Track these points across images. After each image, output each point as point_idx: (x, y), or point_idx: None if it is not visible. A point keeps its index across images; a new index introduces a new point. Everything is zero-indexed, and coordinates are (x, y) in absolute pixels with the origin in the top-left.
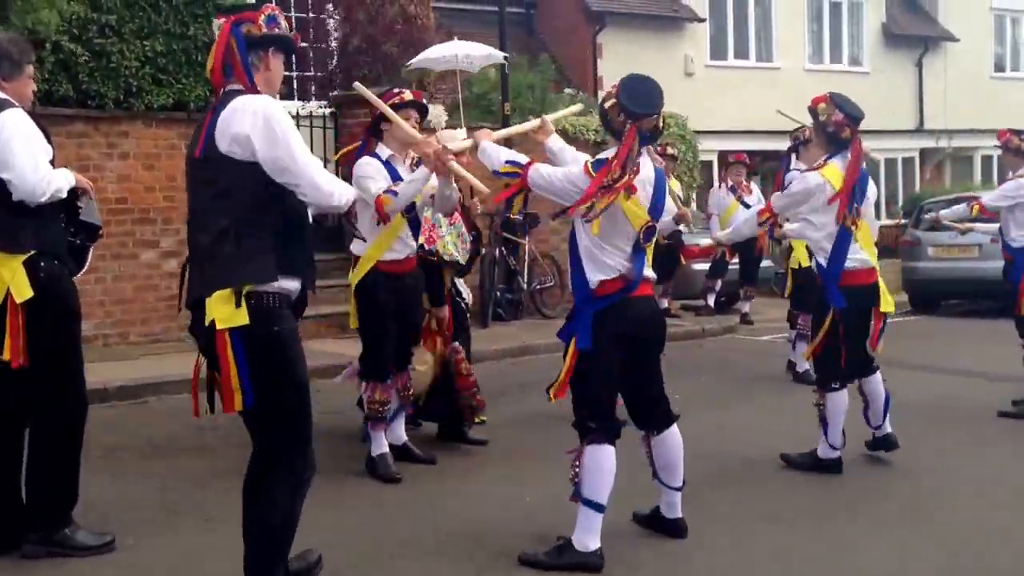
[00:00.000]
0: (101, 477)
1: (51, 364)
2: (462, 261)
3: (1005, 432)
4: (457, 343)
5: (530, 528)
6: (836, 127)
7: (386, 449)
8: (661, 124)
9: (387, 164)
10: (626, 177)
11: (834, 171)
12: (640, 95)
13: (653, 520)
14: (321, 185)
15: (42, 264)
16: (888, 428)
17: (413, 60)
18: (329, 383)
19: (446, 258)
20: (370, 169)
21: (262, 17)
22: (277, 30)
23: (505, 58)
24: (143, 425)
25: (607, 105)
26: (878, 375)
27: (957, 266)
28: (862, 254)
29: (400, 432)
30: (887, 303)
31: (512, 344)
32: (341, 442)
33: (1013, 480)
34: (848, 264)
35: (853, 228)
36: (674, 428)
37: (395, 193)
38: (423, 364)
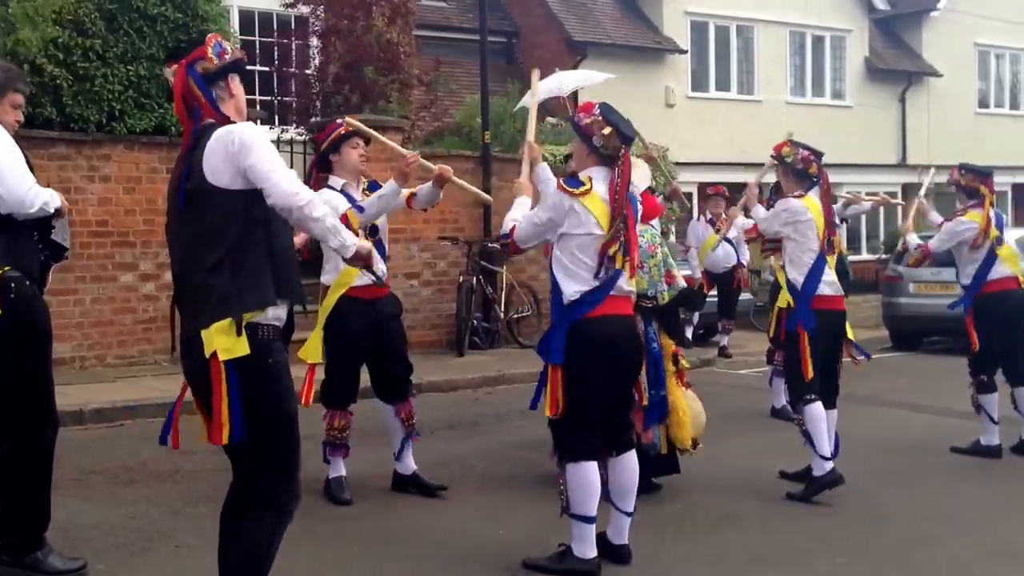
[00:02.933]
0: (74, 501)
1: (22, 385)
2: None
3: (984, 470)
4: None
5: (503, 561)
6: (804, 164)
7: (342, 473)
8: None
9: (343, 192)
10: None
11: (812, 202)
12: (623, 121)
13: (599, 543)
14: (283, 185)
15: (13, 285)
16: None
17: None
18: (303, 409)
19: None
20: (329, 195)
21: (209, 50)
22: (227, 56)
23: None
24: (118, 449)
25: (605, 132)
26: (834, 413)
27: (939, 303)
28: (833, 280)
29: (409, 462)
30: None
31: (488, 373)
32: (313, 470)
33: (995, 524)
34: (822, 290)
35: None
36: (632, 453)
37: (361, 208)
38: (696, 401)
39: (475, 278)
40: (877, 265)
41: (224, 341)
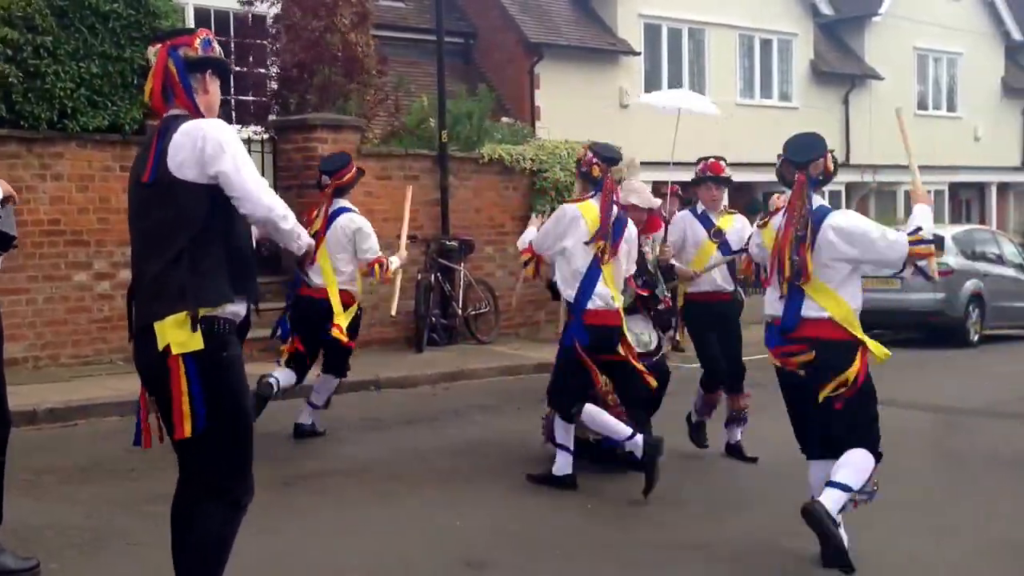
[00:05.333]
0: (27, 500)
1: None
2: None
3: (931, 460)
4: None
5: (461, 551)
6: (587, 167)
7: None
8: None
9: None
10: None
11: (590, 206)
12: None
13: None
14: (261, 199)
15: None
16: None
17: (641, 98)
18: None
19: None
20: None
21: (198, 40)
22: (213, 53)
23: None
24: (72, 448)
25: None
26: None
27: (880, 297)
28: (607, 292)
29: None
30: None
31: (446, 369)
32: (268, 466)
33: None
34: (592, 304)
35: (603, 266)
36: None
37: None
38: None
39: (433, 276)
40: None
41: (178, 335)
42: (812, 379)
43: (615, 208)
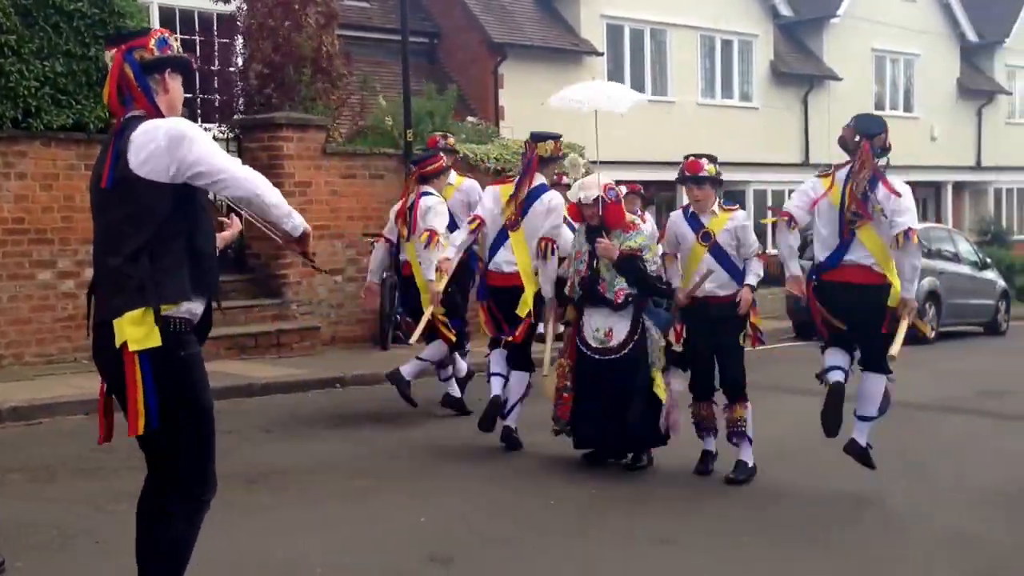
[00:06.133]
0: None
1: None
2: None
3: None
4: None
5: (425, 546)
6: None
7: None
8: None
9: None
10: None
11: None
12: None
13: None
14: (240, 177)
15: None
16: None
17: (555, 97)
18: (229, 403)
19: None
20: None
21: (152, 41)
22: (169, 52)
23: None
24: (37, 447)
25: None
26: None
27: None
28: (511, 259)
29: None
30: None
31: None
32: (232, 464)
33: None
34: (493, 266)
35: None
36: None
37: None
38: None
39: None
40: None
41: (135, 332)
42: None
43: (532, 180)
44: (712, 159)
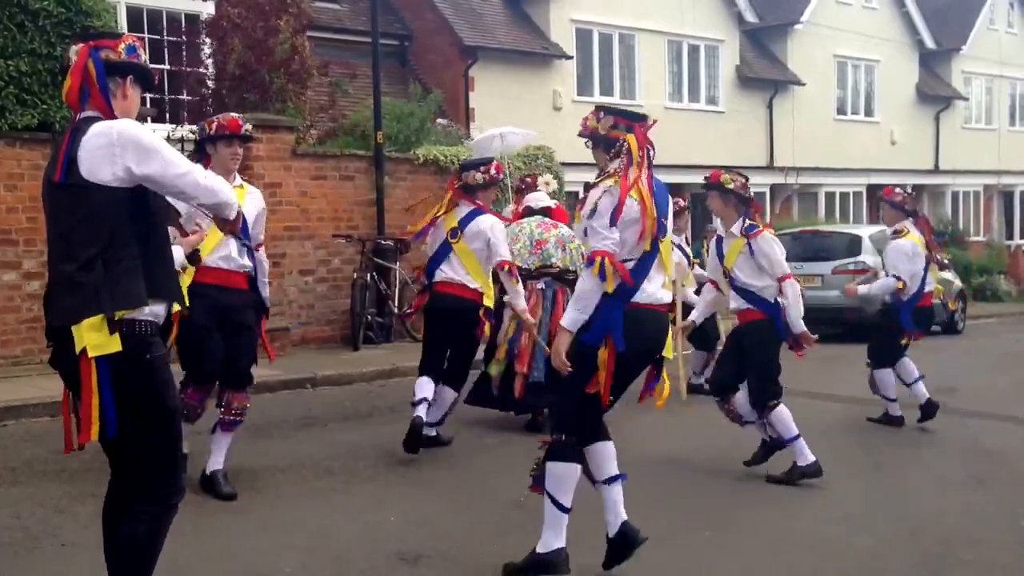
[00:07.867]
0: None
1: None
2: None
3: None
4: None
5: (394, 546)
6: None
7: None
8: None
9: None
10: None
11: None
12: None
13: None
14: (205, 184)
15: None
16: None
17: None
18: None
19: None
20: None
21: (122, 45)
22: (136, 60)
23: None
24: (1, 449)
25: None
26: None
27: (807, 294)
28: (456, 271)
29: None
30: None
31: (382, 367)
32: (200, 465)
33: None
34: (438, 276)
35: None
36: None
37: None
38: None
39: (369, 275)
40: None
41: (95, 338)
42: None
43: (465, 205)
44: (738, 173)
